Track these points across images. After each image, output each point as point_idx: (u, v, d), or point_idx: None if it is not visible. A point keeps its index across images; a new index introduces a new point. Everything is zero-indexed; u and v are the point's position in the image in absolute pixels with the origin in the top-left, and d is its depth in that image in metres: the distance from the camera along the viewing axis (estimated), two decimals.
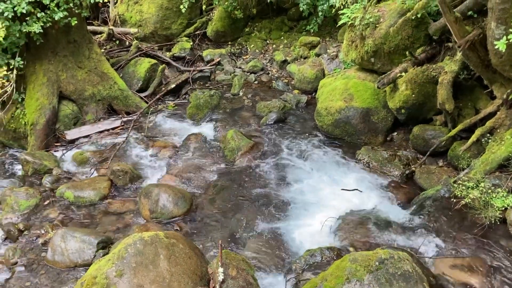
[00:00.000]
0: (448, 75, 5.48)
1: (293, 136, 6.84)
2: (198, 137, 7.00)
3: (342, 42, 7.41)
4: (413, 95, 5.87)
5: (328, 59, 8.27)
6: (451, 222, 4.73)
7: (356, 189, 5.52)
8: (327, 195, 5.57)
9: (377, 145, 6.39)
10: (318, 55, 8.54)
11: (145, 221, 5.34)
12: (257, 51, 9.48)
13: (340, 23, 6.87)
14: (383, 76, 6.21)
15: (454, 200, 4.68)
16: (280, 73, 8.88)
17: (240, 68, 9.13)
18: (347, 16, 6.50)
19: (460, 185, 4.71)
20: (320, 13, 8.55)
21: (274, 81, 8.59)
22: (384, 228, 4.86)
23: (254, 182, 5.92)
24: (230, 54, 9.49)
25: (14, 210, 5.55)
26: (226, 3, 9.14)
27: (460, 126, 5.55)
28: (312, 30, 9.04)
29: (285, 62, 8.93)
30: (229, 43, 9.89)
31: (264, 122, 7.20)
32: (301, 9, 8.70)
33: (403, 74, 5.95)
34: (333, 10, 7.83)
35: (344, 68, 7.61)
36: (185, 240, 4.24)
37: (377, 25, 6.26)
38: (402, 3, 6.04)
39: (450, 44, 5.86)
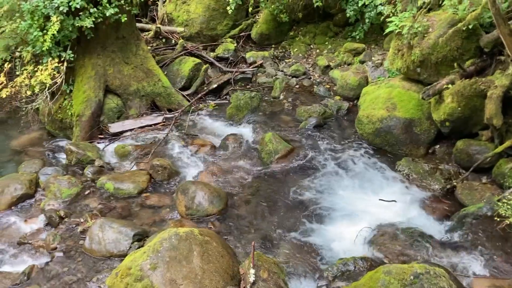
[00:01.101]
0: (498, 90, 5.28)
1: (332, 143, 6.77)
2: (237, 137, 7.05)
3: (388, 50, 7.29)
4: (459, 108, 5.70)
5: (373, 66, 8.15)
6: (492, 241, 4.56)
7: (394, 201, 5.41)
8: (363, 205, 5.48)
9: (418, 157, 6.23)
10: (362, 62, 8.44)
11: (180, 217, 5.43)
12: (300, 55, 9.46)
13: (387, 31, 6.76)
14: (428, 87, 6.06)
15: (497, 219, 4.50)
16: (322, 78, 8.82)
17: (282, 71, 9.14)
18: (395, 24, 6.38)
19: (505, 204, 4.52)
20: (367, 20, 8.45)
21: (315, 86, 8.54)
22: (421, 242, 4.73)
23: (289, 187, 5.90)
24: (273, 57, 9.51)
25: (56, 198, 5.76)
26: (272, 6, 9.18)
27: (508, 143, 5.34)
28: (357, 37, 8.94)
29: (328, 67, 8.86)
30: (273, 46, 9.92)
31: (303, 127, 7.17)
32: (347, 15, 8.63)
33: (450, 86, 5.78)
34: (381, 17, 7.71)
35: (389, 76, 7.47)
36: (219, 238, 4.29)
37: (425, 35, 6.11)
38: (454, 13, 5.87)
39: (502, 58, 5.64)
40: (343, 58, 8.79)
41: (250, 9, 9.52)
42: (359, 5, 8.23)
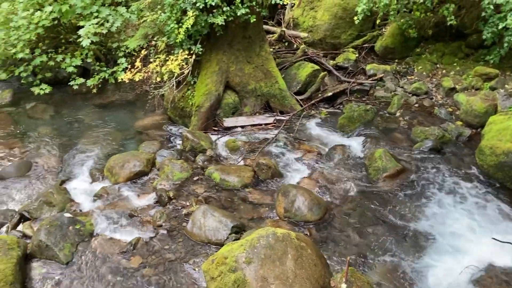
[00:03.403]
0: None
1: (447, 170, 6.35)
2: (345, 149, 6.93)
3: None
4: None
5: (505, 95, 7.47)
6: None
7: (510, 243, 4.91)
8: (473, 240, 5.05)
9: None
10: (493, 88, 7.78)
11: (278, 218, 5.49)
12: (424, 73, 9.01)
13: None
14: None
15: None
16: (445, 100, 8.31)
17: (402, 87, 8.78)
18: None
19: None
20: (505, 44, 7.76)
21: (436, 108, 8.07)
22: None
23: (394, 207, 5.65)
24: (394, 72, 9.18)
25: (168, 179, 6.17)
26: (401, 20, 8.86)
27: None
28: (492, 61, 8.26)
29: (453, 89, 8.32)
30: (396, 60, 9.58)
31: (417, 148, 6.82)
32: (484, 37, 8.01)
33: None
34: None
35: None
36: (314, 246, 4.26)
37: None
38: None
39: None
40: (471, 82, 8.19)
41: (378, 21, 9.29)
42: (499, 27, 7.59)
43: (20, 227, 5.36)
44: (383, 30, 9.94)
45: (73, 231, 4.92)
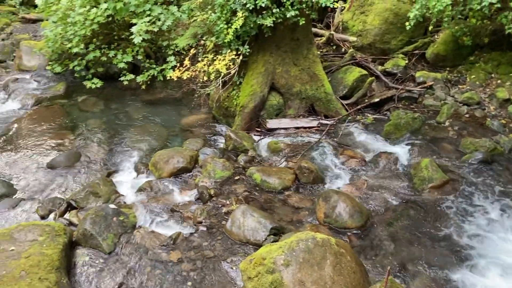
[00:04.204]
0: None
1: (497, 184, 6.08)
2: (389, 156, 6.78)
3: None
4: None
5: None
6: None
7: None
8: None
9: None
10: None
11: (317, 222, 5.43)
12: (477, 83, 8.68)
13: None
14: None
15: None
16: (498, 112, 7.97)
17: (452, 96, 8.49)
18: None
19: None
20: None
21: (488, 119, 7.74)
22: None
23: (438, 220, 5.47)
24: (445, 80, 8.90)
25: (210, 177, 6.24)
26: (456, 27, 8.57)
27: None
28: None
29: (507, 101, 7.97)
30: (448, 68, 9.27)
31: (466, 160, 6.56)
32: None
33: None
34: None
35: None
36: (353, 253, 4.19)
37: None
38: None
39: None
40: None
41: (430, 27, 9.03)
42: None
43: (67, 215, 5.56)
44: (436, 36, 9.65)
45: (117, 222, 5.06)
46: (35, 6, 11.44)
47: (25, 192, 6.16)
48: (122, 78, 9.36)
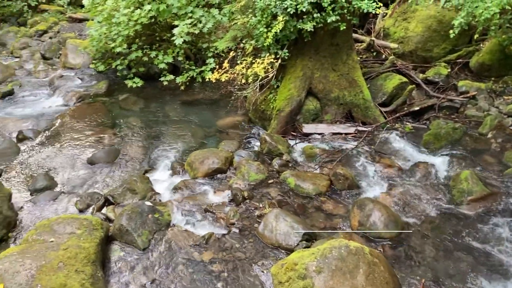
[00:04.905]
0: None
1: None
2: (428, 167, 6.61)
3: None
4: None
5: None
6: None
7: None
8: None
9: None
10: None
11: (351, 230, 5.36)
12: None
13: None
14: None
15: None
16: None
17: (496, 108, 8.20)
18: None
19: None
20: None
21: None
22: None
23: (477, 234, 5.29)
24: (489, 91, 8.61)
25: (244, 179, 6.26)
26: (503, 36, 8.29)
27: None
28: None
29: None
30: (492, 79, 8.97)
31: (509, 174, 6.33)
32: None
33: None
34: None
35: None
36: (387, 264, 4.11)
37: None
38: None
39: None
40: None
41: (475, 36, 8.78)
42: None
43: (104, 210, 5.71)
44: (481, 45, 9.36)
45: (152, 219, 5.16)
46: (82, 6, 11.88)
47: (65, 185, 6.38)
48: (162, 78, 9.56)
